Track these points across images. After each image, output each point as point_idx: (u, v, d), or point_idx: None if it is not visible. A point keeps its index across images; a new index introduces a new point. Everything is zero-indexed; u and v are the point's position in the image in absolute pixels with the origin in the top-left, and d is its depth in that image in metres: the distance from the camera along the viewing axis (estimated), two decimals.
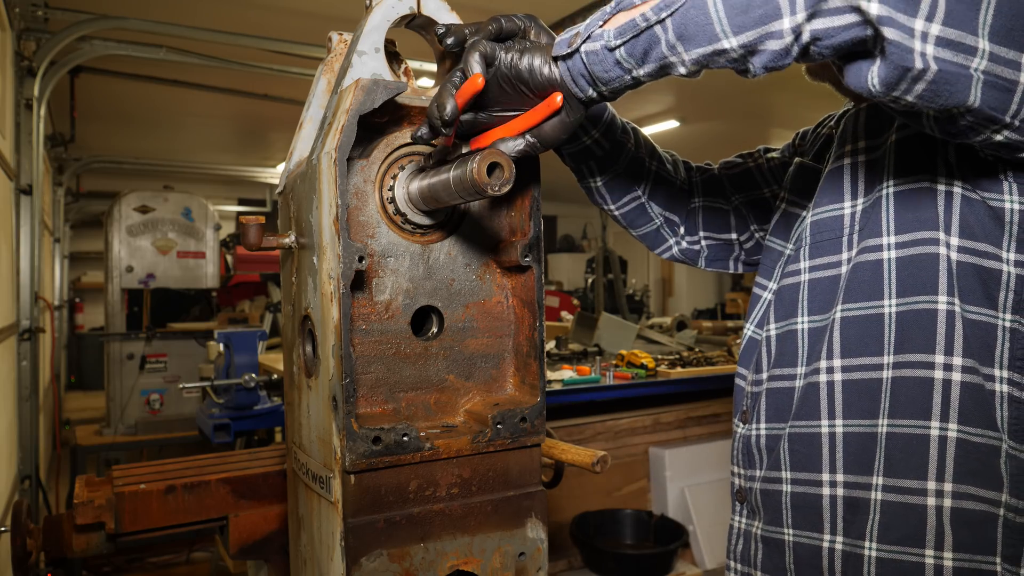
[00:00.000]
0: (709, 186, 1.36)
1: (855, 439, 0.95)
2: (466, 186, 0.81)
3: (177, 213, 5.12)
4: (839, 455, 0.96)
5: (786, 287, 1.08)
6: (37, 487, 3.51)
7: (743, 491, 1.12)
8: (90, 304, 10.60)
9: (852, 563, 0.94)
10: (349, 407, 0.86)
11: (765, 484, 1.06)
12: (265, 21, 5.10)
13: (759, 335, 1.14)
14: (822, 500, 0.98)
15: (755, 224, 1.32)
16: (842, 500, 0.96)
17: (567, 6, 5.04)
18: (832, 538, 0.97)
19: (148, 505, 1.50)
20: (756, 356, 1.12)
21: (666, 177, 1.31)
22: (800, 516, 1.01)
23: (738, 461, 1.14)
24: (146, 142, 9.25)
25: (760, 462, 1.08)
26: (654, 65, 0.76)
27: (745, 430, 1.12)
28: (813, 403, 0.99)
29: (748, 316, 1.19)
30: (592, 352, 4.22)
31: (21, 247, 3.36)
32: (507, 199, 1.03)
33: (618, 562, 3.17)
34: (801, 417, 1.01)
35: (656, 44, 0.74)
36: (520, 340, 1.03)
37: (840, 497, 0.96)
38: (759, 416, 1.09)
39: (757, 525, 1.09)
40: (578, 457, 1.22)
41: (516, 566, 0.97)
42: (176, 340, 5.01)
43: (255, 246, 0.97)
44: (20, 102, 3.43)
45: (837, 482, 0.96)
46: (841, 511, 0.96)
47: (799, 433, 1.01)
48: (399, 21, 1.00)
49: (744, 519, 1.13)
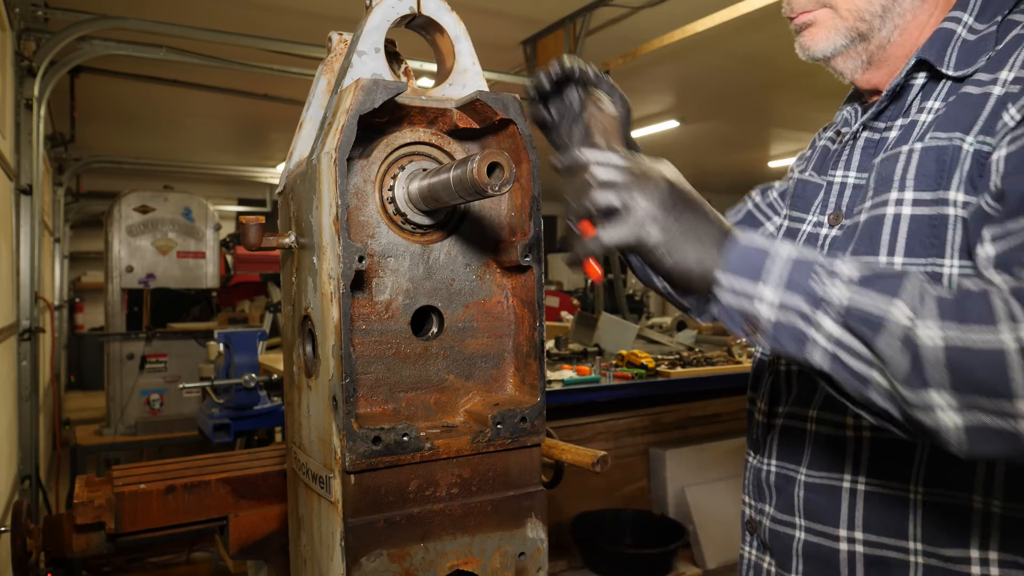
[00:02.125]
0: None
1: (878, 499, 0.93)
2: (466, 186, 0.82)
3: (177, 213, 5.12)
4: (858, 512, 0.94)
5: None
6: (37, 487, 3.51)
7: (753, 522, 1.10)
8: (90, 304, 10.60)
9: None
10: (349, 407, 0.86)
11: (775, 525, 1.04)
12: (265, 21, 5.10)
13: (767, 357, 1.11)
14: (839, 555, 0.95)
15: None
16: (862, 557, 0.93)
17: (567, 6, 5.05)
18: None
19: (148, 505, 1.50)
20: (769, 385, 1.10)
21: None
22: (812, 566, 0.98)
23: (749, 492, 1.12)
24: (146, 142, 9.25)
25: (770, 499, 1.06)
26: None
27: (756, 461, 1.10)
28: (836, 453, 0.96)
29: None
30: (592, 352, 4.21)
31: (21, 247, 3.36)
32: (507, 199, 1.03)
33: (618, 562, 3.17)
34: (819, 468, 0.98)
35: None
36: (520, 340, 1.03)
37: (860, 554, 0.93)
38: (771, 452, 1.07)
39: (768, 562, 1.07)
40: (578, 457, 1.22)
41: (516, 566, 0.97)
42: (176, 340, 5.01)
43: (255, 246, 0.97)
44: (20, 102, 3.43)
45: (856, 539, 0.94)
46: (861, 565, 0.93)
47: (816, 484, 0.98)
48: (399, 21, 1.00)
49: (755, 551, 1.11)
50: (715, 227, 0.77)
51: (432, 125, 0.99)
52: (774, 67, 6.47)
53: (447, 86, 1.03)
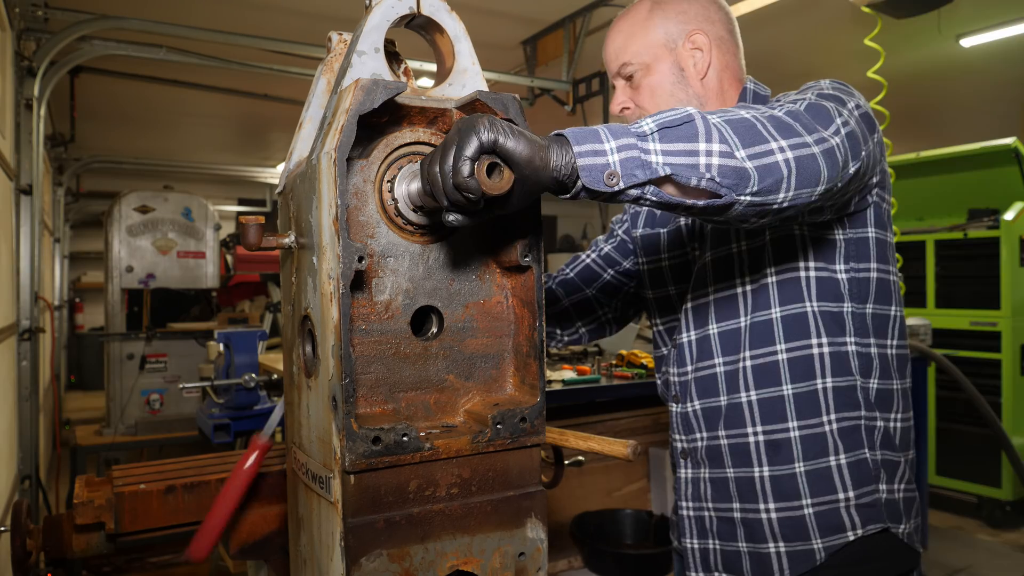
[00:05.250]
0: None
1: (767, 402, 1.36)
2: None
3: (177, 213, 5.11)
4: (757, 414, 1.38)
5: (698, 305, 1.46)
6: (37, 487, 3.51)
7: (686, 451, 1.50)
8: (90, 304, 10.60)
9: (779, 483, 1.35)
10: (349, 407, 0.86)
11: (709, 442, 1.44)
12: (265, 21, 5.11)
13: (665, 345, 1.57)
14: (749, 446, 1.38)
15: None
16: (763, 443, 1.36)
17: (567, 6, 5.05)
18: (760, 469, 1.36)
19: (148, 505, 1.50)
20: (675, 357, 1.50)
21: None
22: (737, 459, 1.39)
23: (679, 431, 1.51)
24: (146, 142, 9.26)
25: (699, 428, 1.46)
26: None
27: (681, 408, 1.49)
28: (735, 382, 1.39)
29: (658, 322, 1.60)
30: (592, 352, 4.21)
31: (21, 247, 3.36)
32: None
33: (618, 562, 3.16)
34: (730, 393, 1.40)
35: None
36: (520, 340, 1.03)
37: (761, 442, 1.37)
38: (691, 396, 1.46)
39: (704, 471, 1.46)
40: (611, 448, 1.34)
41: (516, 566, 0.97)
42: (176, 340, 5.01)
43: (255, 246, 0.97)
44: (20, 102, 3.43)
45: (758, 432, 1.37)
46: (764, 448, 1.36)
47: (731, 404, 1.40)
48: (399, 21, 1.00)
49: (691, 470, 1.49)
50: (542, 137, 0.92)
51: (432, 125, 0.99)
52: (774, 67, 6.48)
53: (447, 86, 1.03)
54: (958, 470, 5.01)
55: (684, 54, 1.42)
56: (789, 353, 1.34)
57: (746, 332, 1.38)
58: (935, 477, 5.09)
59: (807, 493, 1.33)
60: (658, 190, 0.92)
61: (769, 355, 1.35)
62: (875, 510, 1.33)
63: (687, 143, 0.92)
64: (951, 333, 5.10)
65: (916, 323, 4.23)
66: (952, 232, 5.15)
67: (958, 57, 6.41)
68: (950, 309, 5.16)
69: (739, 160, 0.94)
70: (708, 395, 1.43)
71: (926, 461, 4.74)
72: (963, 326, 5.06)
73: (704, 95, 1.44)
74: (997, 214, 4.94)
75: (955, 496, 5.19)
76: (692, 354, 1.46)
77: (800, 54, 6.33)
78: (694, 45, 1.42)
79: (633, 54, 1.44)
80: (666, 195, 0.93)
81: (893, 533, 1.35)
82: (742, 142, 0.96)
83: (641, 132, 0.92)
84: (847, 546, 1.32)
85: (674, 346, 1.51)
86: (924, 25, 4.90)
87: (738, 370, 1.38)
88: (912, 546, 1.38)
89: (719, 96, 1.45)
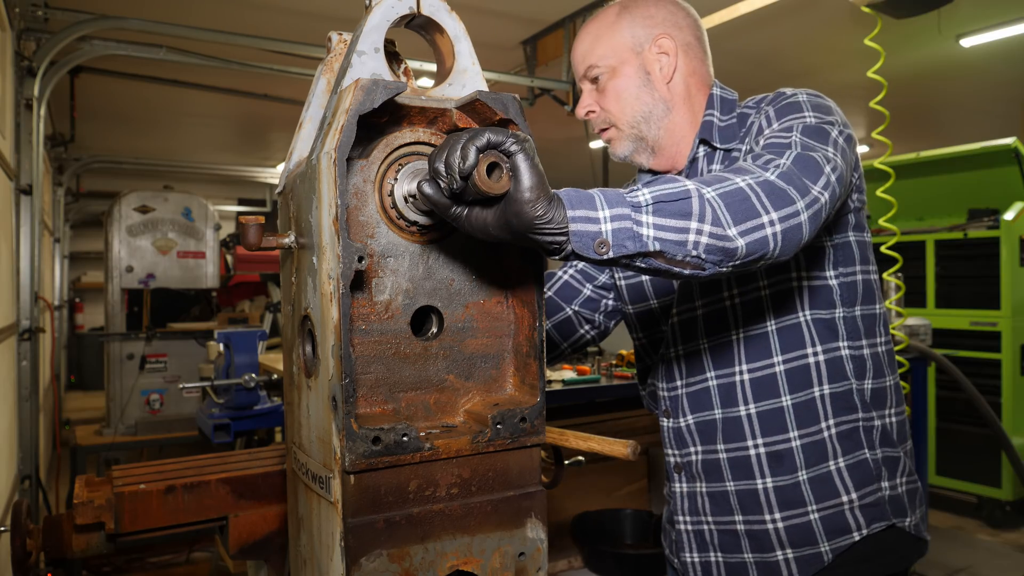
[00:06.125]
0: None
1: (767, 415, 1.37)
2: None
3: (177, 213, 5.11)
4: (757, 427, 1.38)
5: (685, 320, 1.45)
6: (37, 487, 3.51)
7: (680, 465, 1.49)
8: (90, 304, 10.61)
9: (783, 493, 1.36)
10: (349, 407, 0.86)
11: (705, 456, 1.44)
12: (265, 21, 5.11)
13: (660, 355, 1.52)
14: (750, 458, 1.38)
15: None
16: (765, 455, 1.37)
17: (567, 6, 5.05)
18: (763, 481, 1.37)
19: (148, 505, 1.50)
20: (663, 372, 1.50)
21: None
22: (738, 472, 1.39)
23: (672, 445, 1.50)
24: (146, 142, 9.25)
25: (693, 442, 1.45)
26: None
27: (673, 423, 1.49)
28: (732, 396, 1.39)
29: (640, 336, 1.59)
30: (592, 352, 4.21)
31: (21, 247, 3.36)
32: None
33: (618, 562, 3.17)
34: (726, 407, 1.40)
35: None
36: (520, 340, 1.03)
37: (763, 454, 1.37)
38: (683, 411, 1.46)
39: (700, 485, 1.45)
40: (611, 448, 1.30)
41: (516, 566, 0.97)
42: (176, 340, 5.01)
43: (255, 246, 0.96)
44: (20, 102, 3.43)
45: (759, 444, 1.38)
46: (766, 460, 1.37)
47: (728, 418, 1.40)
48: (399, 21, 1.00)
49: (686, 484, 1.48)
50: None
51: (432, 125, 0.99)
52: (774, 67, 6.48)
53: (447, 86, 1.03)
54: (958, 470, 5.02)
55: (650, 58, 1.42)
56: (786, 364, 1.35)
57: (740, 345, 1.38)
58: (935, 477, 5.10)
59: (812, 500, 1.35)
60: (647, 259, 0.96)
61: (766, 367, 1.36)
62: (879, 508, 1.35)
63: (679, 220, 0.95)
64: (951, 333, 5.10)
65: (916, 323, 4.23)
66: (952, 232, 5.16)
67: (958, 57, 6.41)
68: (950, 309, 5.16)
69: (729, 238, 0.98)
70: (702, 409, 1.43)
71: (926, 461, 4.74)
72: (963, 326, 5.07)
73: (670, 99, 1.44)
74: (997, 214, 4.95)
75: (955, 496, 5.19)
76: (681, 369, 1.46)
77: (800, 54, 6.33)
78: (660, 49, 1.42)
79: (599, 57, 1.44)
80: (655, 263, 0.97)
81: (899, 528, 1.37)
82: (734, 218, 0.99)
83: (636, 203, 0.94)
84: (854, 546, 1.34)
85: (661, 360, 1.51)
86: (924, 25, 4.91)
87: (734, 384, 1.39)
88: (919, 536, 1.40)
89: (686, 101, 1.45)
